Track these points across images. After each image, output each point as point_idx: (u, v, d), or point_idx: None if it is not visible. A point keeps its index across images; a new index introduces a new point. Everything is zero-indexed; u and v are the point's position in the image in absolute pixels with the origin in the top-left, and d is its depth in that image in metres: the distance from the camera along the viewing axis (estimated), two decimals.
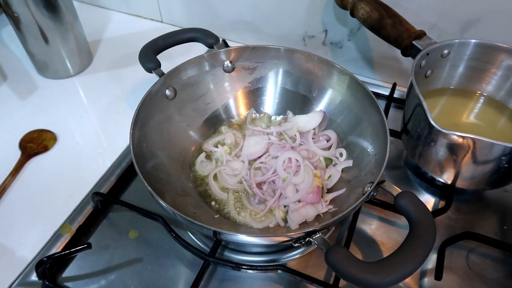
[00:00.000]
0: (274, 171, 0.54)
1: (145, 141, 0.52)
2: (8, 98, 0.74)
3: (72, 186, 0.59)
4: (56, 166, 0.63)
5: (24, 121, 0.69)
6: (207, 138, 0.62)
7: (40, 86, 0.76)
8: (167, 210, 0.44)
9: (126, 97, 0.74)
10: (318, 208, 0.52)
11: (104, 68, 0.80)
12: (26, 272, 0.50)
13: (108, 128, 0.69)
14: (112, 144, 0.65)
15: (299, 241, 0.42)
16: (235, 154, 0.59)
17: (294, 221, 0.50)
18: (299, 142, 0.59)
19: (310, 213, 0.51)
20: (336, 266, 0.38)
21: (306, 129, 0.60)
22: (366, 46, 0.74)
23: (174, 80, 0.58)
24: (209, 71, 0.61)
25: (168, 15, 0.89)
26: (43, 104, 0.73)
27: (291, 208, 0.51)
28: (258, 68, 0.63)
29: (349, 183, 0.54)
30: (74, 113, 0.71)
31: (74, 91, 0.76)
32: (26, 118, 0.70)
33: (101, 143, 0.66)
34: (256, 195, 0.53)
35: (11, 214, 0.56)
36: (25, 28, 0.70)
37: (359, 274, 0.38)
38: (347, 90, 0.58)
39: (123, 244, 0.54)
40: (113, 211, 0.58)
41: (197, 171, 0.58)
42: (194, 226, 0.43)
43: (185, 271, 0.52)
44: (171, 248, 0.54)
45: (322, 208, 0.52)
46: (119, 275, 0.51)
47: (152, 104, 0.55)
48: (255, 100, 0.65)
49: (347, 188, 0.54)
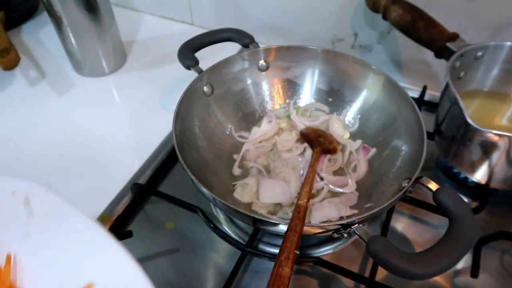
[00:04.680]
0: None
1: (185, 134, 0.54)
2: (47, 94, 0.77)
3: (109, 178, 0.61)
4: (93, 159, 0.65)
5: (61, 116, 0.72)
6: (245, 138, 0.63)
7: (76, 84, 0.79)
8: (209, 198, 0.46)
9: (158, 96, 0.76)
10: (341, 211, 0.52)
11: (137, 68, 0.83)
12: None
13: (141, 125, 0.71)
14: (145, 140, 0.67)
15: (340, 232, 0.43)
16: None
17: (316, 219, 0.51)
18: None
19: (333, 214, 0.52)
20: (378, 255, 0.39)
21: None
22: (395, 49, 0.75)
23: (212, 77, 0.60)
24: (245, 69, 0.63)
25: (198, 18, 0.91)
26: (79, 100, 0.76)
27: (315, 207, 0.52)
28: (292, 68, 0.64)
29: (382, 181, 0.55)
30: (109, 109, 0.74)
31: (108, 89, 0.78)
32: (64, 114, 0.72)
33: (135, 139, 0.68)
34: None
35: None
36: (66, 28, 0.73)
37: (400, 264, 0.38)
38: (381, 90, 0.59)
39: (160, 234, 0.56)
40: (149, 203, 0.59)
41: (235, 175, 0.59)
42: (236, 213, 0.44)
43: (220, 263, 0.53)
44: (207, 240, 0.55)
45: (345, 212, 0.53)
46: (156, 264, 0.53)
47: (191, 99, 0.57)
48: (290, 98, 0.66)
49: (380, 185, 0.54)
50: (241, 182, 0.55)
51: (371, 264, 0.50)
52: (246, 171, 0.59)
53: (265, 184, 0.54)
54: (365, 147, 0.59)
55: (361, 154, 0.59)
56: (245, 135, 0.62)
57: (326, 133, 0.60)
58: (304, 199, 0.44)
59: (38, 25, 0.92)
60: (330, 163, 0.58)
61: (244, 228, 0.55)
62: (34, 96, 0.76)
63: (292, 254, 0.36)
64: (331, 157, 0.58)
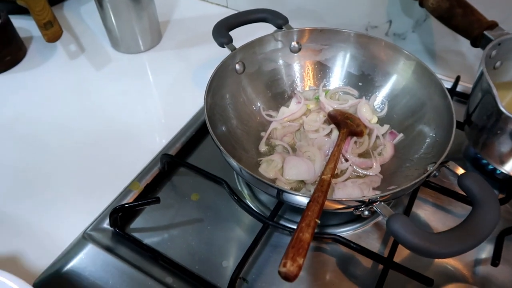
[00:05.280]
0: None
1: (216, 108, 0.55)
2: (85, 68, 0.80)
3: (140, 149, 0.64)
4: (125, 130, 0.67)
5: (98, 89, 0.75)
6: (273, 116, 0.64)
7: (113, 59, 0.82)
8: (236, 169, 0.47)
9: (190, 74, 0.78)
10: (364, 192, 0.53)
11: (171, 47, 0.85)
12: (99, 219, 0.55)
13: (172, 101, 0.73)
14: (176, 115, 0.69)
15: (361, 208, 0.44)
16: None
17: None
18: None
19: (355, 194, 0.52)
20: (398, 232, 0.39)
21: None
22: (430, 38, 0.74)
23: (245, 56, 0.61)
24: (278, 49, 0.64)
25: (233, 1, 0.93)
26: (115, 75, 0.79)
27: (338, 186, 0.53)
28: (324, 51, 0.65)
29: (406, 165, 0.55)
30: (143, 84, 0.76)
31: (143, 66, 0.81)
32: (100, 86, 0.76)
33: (166, 113, 0.71)
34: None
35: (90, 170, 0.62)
36: (107, 5, 0.76)
37: (420, 242, 0.38)
38: (412, 75, 0.59)
39: (185, 205, 0.58)
40: (177, 174, 0.62)
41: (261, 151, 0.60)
42: (261, 184, 0.45)
43: (242, 235, 0.55)
44: (230, 213, 0.57)
45: (368, 193, 0.53)
46: (180, 232, 0.55)
47: (223, 76, 0.58)
48: (319, 81, 0.67)
49: (404, 170, 0.54)
50: (266, 158, 0.57)
51: (389, 247, 0.51)
52: (272, 148, 0.60)
53: (290, 161, 0.55)
54: (392, 132, 0.59)
55: (388, 139, 0.59)
56: (273, 114, 0.63)
57: (354, 116, 0.61)
58: (328, 175, 0.45)
59: (80, 2, 0.96)
60: (356, 146, 0.58)
61: (267, 204, 0.57)
62: (73, 69, 0.80)
63: (313, 222, 0.37)
64: (357, 140, 0.58)
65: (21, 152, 0.64)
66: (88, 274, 0.49)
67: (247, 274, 0.50)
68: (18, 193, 0.58)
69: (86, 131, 0.67)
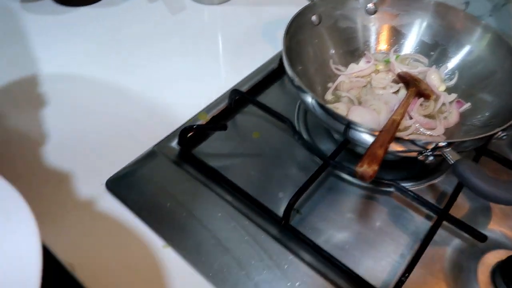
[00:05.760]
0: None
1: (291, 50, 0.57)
2: (161, 12, 0.85)
3: (211, 85, 0.68)
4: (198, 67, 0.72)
5: (171, 32, 0.80)
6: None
7: (187, 7, 0.87)
8: (308, 101, 0.49)
9: (261, 29, 0.81)
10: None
11: (244, 2, 0.88)
12: (168, 137, 0.59)
13: (243, 49, 0.76)
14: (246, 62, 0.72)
15: (427, 153, 0.45)
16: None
17: None
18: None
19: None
20: (465, 175, 0.41)
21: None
22: (506, 23, 0.73)
23: (323, 9, 0.63)
24: (356, 8, 0.66)
25: None
26: (187, 21, 0.83)
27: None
28: (401, 16, 0.66)
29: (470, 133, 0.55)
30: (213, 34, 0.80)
31: (214, 17, 0.85)
32: (173, 30, 0.80)
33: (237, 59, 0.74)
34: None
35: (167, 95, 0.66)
36: None
37: (488, 186, 0.40)
38: (486, 47, 0.59)
39: (247, 140, 0.61)
40: (241, 113, 0.65)
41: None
42: (330, 119, 0.48)
43: (298, 174, 0.57)
44: (289, 152, 0.59)
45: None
46: (241, 161, 0.58)
47: (300, 24, 0.60)
48: (391, 46, 0.68)
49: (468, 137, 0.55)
50: (332, 105, 0.59)
51: (444, 204, 0.52)
52: (338, 98, 0.61)
53: (355, 110, 0.56)
54: (459, 101, 0.60)
55: (454, 107, 0.59)
56: (342, 69, 0.65)
57: (422, 81, 0.61)
58: (398, 116, 0.46)
59: None
60: (422, 107, 0.59)
61: (324, 150, 0.59)
62: (150, 12, 0.85)
63: (386, 144, 0.38)
64: (424, 102, 0.59)
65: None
66: (156, 180, 0.53)
67: (301, 207, 0.53)
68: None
69: (161, 67, 0.72)
